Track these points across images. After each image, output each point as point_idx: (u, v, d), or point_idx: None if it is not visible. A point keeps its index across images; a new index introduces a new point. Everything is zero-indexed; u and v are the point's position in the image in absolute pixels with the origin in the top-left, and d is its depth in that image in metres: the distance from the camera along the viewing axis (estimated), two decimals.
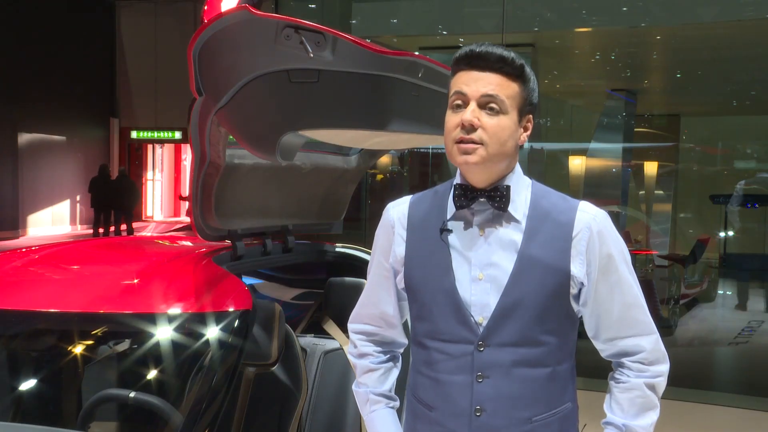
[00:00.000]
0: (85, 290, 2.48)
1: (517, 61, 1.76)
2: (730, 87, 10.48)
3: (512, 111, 1.76)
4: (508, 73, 1.75)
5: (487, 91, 1.74)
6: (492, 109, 1.74)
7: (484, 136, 1.74)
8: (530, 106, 1.80)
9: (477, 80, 1.74)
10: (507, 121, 1.75)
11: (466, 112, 1.74)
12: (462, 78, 1.77)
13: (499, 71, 1.75)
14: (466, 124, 1.73)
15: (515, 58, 1.76)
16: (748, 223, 10.38)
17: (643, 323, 1.84)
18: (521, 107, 1.78)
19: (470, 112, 1.74)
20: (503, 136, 1.75)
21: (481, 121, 1.73)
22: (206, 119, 2.47)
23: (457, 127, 1.75)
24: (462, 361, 1.78)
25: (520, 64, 1.76)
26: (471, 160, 1.75)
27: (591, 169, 10.54)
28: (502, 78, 1.75)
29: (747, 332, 8.43)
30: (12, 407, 2.47)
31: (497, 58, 1.74)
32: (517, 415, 1.77)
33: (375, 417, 1.97)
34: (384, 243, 1.93)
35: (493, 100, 1.74)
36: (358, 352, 2.02)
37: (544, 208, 1.82)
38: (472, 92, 1.74)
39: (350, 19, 8.38)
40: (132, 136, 20.36)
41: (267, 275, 3.68)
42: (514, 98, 1.76)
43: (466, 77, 1.76)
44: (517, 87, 1.76)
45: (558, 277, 1.78)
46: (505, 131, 1.75)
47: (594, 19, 7.73)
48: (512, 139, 1.77)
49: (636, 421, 1.82)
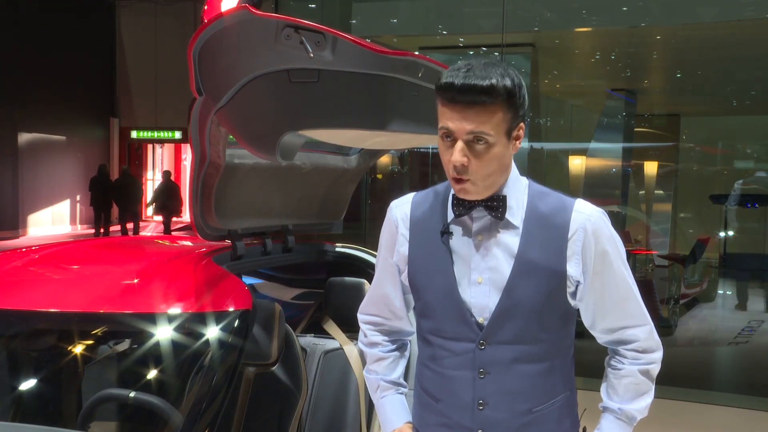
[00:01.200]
0: (85, 290, 2.48)
1: (500, 86, 1.70)
2: (730, 87, 10.47)
3: (500, 137, 1.75)
4: (492, 103, 1.71)
5: (472, 129, 1.72)
6: (480, 141, 1.73)
7: (474, 171, 1.75)
8: (520, 118, 1.78)
9: (461, 119, 1.73)
10: (496, 150, 1.75)
11: (454, 152, 1.74)
12: (446, 114, 1.75)
13: (482, 104, 1.71)
14: (457, 165, 1.74)
15: (497, 83, 1.70)
16: (748, 222, 10.37)
17: (638, 315, 1.89)
18: (509, 128, 1.77)
19: (458, 152, 1.74)
20: (494, 164, 1.77)
21: (470, 159, 1.74)
22: (206, 119, 2.47)
23: (449, 164, 1.76)
24: (464, 358, 1.85)
25: (503, 88, 1.71)
26: (467, 195, 1.80)
27: (591, 169, 10.53)
28: (486, 112, 1.72)
29: (747, 332, 8.43)
30: (12, 407, 2.47)
31: (478, 92, 1.70)
32: (517, 407, 1.84)
33: (385, 402, 2.04)
34: (388, 241, 1.99)
35: (479, 135, 1.73)
36: (368, 341, 2.09)
37: (541, 211, 1.85)
38: (458, 130, 1.74)
39: (350, 19, 8.37)
40: (132, 136, 20.36)
41: (267, 275, 3.68)
42: (500, 125, 1.74)
43: (450, 114, 1.74)
44: (502, 113, 1.73)
45: (555, 278, 1.83)
46: (495, 159, 1.76)
47: (594, 19, 7.73)
48: (505, 158, 1.79)
49: (631, 405, 1.90)
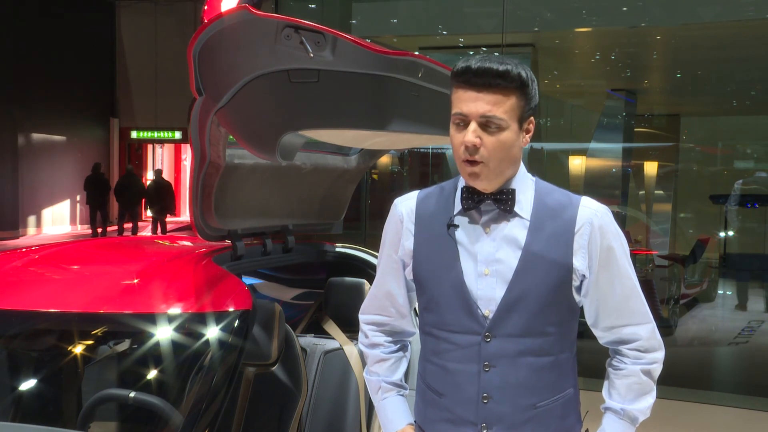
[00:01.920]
0: (85, 290, 2.48)
1: (514, 72, 1.76)
2: (730, 87, 10.46)
3: (513, 123, 1.79)
4: (506, 88, 1.77)
5: (486, 112, 1.76)
6: (492, 126, 1.77)
7: (486, 154, 1.78)
8: (531, 110, 1.83)
9: (476, 100, 1.77)
10: (508, 135, 1.79)
11: (467, 132, 1.78)
12: (461, 96, 1.79)
13: (497, 87, 1.76)
14: (469, 146, 1.77)
15: (512, 69, 1.76)
16: (748, 222, 10.37)
17: (641, 313, 1.90)
18: (521, 116, 1.81)
19: (471, 132, 1.78)
20: (505, 150, 1.80)
21: (482, 141, 1.78)
22: (206, 119, 2.47)
23: (461, 146, 1.79)
24: (469, 351, 1.85)
25: (517, 75, 1.77)
26: (478, 180, 1.81)
27: (591, 169, 10.52)
28: (500, 95, 1.77)
29: (747, 332, 8.42)
30: (12, 407, 2.47)
31: (494, 75, 1.75)
32: (522, 402, 1.84)
33: (386, 404, 2.04)
34: (393, 236, 1.99)
35: (492, 119, 1.77)
36: (369, 342, 2.08)
37: (548, 205, 1.87)
38: (472, 113, 1.77)
39: (350, 19, 8.37)
40: (132, 136, 20.36)
41: (267, 275, 3.68)
42: (513, 111, 1.79)
43: (465, 96, 1.78)
44: (515, 99, 1.78)
45: (561, 271, 1.84)
46: (507, 145, 1.80)
47: (594, 19, 7.73)
48: (515, 148, 1.82)
49: (633, 405, 1.90)
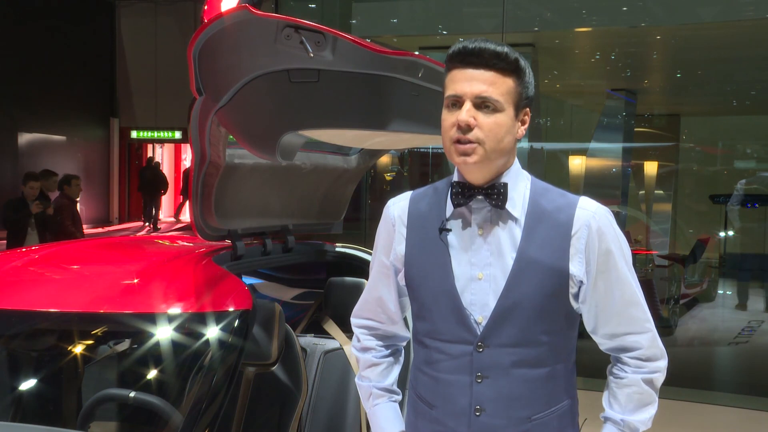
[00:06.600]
0: (85, 290, 2.48)
1: (511, 55, 1.74)
2: (730, 87, 10.47)
3: (508, 107, 1.75)
4: (503, 69, 1.73)
5: (481, 92, 1.72)
6: (488, 108, 1.73)
7: (480, 135, 1.72)
8: (527, 100, 1.79)
9: (471, 79, 1.73)
10: (503, 118, 1.74)
11: (461, 111, 1.73)
12: (456, 76, 1.75)
13: (493, 68, 1.73)
14: (462, 125, 1.72)
15: (509, 52, 1.74)
16: (748, 222, 10.37)
17: (641, 320, 1.83)
18: (517, 102, 1.76)
19: (465, 111, 1.72)
20: (500, 133, 1.74)
21: (477, 120, 1.72)
22: (206, 119, 2.47)
23: (453, 127, 1.74)
24: (461, 361, 1.78)
25: (515, 59, 1.74)
26: (469, 160, 1.74)
27: (591, 169, 10.52)
28: (497, 75, 1.73)
29: (747, 332, 8.42)
30: (12, 407, 2.47)
31: (491, 55, 1.72)
32: (516, 414, 1.77)
33: (378, 411, 1.98)
34: (385, 240, 1.93)
35: (488, 100, 1.73)
36: (361, 346, 2.03)
37: (543, 207, 1.80)
38: (466, 93, 1.73)
39: (350, 19, 8.37)
40: (132, 136, 20.33)
41: (267, 275, 3.68)
42: (509, 94, 1.74)
43: (460, 76, 1.74)
44: (512, 82, 1.75)
45: (557, 277, 1.77)
46: (502, 128, 1.74)
47: (594, 19, 7.72)
48: (510, 135, 1.76)
49: (634, 416, 1.83)
